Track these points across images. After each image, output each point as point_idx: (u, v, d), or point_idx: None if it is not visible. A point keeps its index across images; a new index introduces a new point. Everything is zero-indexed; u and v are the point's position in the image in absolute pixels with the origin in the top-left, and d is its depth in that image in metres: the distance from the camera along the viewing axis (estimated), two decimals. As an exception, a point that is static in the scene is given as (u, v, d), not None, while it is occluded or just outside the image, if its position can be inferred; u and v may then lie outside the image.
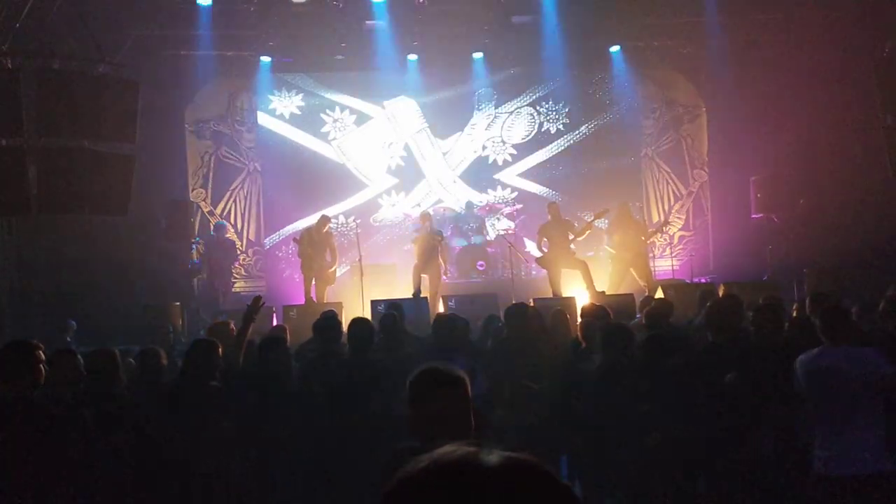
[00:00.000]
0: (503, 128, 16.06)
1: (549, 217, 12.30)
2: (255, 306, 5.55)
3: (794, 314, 7.11)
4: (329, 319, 6.34)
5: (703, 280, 14.01)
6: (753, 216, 13.97)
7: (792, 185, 13.54)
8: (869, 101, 10.97)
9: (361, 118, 15.71)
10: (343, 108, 15.63)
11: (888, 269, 11.23)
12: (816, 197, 13.55)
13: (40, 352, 4.37)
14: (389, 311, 7.44)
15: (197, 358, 5.02)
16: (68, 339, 9.24)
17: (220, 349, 5.11)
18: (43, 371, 4.33)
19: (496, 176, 16.00)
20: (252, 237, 15.31)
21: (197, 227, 14.04)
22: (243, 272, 15.00)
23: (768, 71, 14.17)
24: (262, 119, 15.35)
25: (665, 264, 15.11)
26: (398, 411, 5.02)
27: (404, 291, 13.23)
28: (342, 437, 4.69)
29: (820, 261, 12.65)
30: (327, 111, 15.58)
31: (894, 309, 5.65)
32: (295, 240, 12.36)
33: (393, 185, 15.76)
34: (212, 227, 14.57)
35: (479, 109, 16.00)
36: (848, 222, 13.05)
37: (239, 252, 14.69)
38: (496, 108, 16.04)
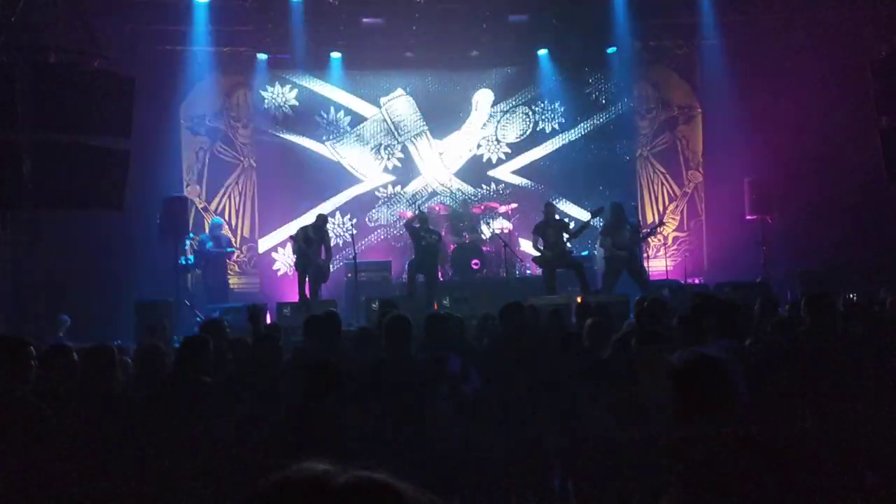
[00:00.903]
0: (498, 126, 16.06)
1: (545, 216, 12.31)
2: (256, 313, 5.55)
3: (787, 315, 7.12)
4: (331, 317, 6.31)
5: (697, 281, 14.04)
6: (748, 217, 13.99)
7: (786, 186, 13.57)
8: (865, 104, 10.99)
9: (357, 119, 15.67)
10: (338, 108, 15.59)
11: (882, 271, 11.27)
12: (811, 199, 13.58)
13: (31, 348, 4.36)
14: (386, 309, 7.43)
15: (188, 355, 5.00)
16: (61, 334, 9.21)
17: (210, 345, 5.09)
18: (34, 367, 4.32)
19: (490, 173, 16.01)
20: (246, 234, 15.27)
21: (191, 223, 14.01)
22: (237, 269, 14.96)
23: (764, 72, 14.20)
24: (258, 115, 15.31)
25: (659, 265, 15.13)
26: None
27: (398, 289, 13.25)
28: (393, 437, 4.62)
29: (814, 262, 12.69)
30: (322, 112, 15.54)
31: None
32: (291, 237, 12.33)
33: (389, 181, 15.76)
34: (206, 223, 14.54)
35: (476, 109, 15.98)
36: (842, 224, 13.09)
37: (234, 248, 14.66)
38: (492, 107, 16.03)
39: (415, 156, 15.84)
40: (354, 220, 15.04)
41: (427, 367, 5.15)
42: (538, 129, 16.11)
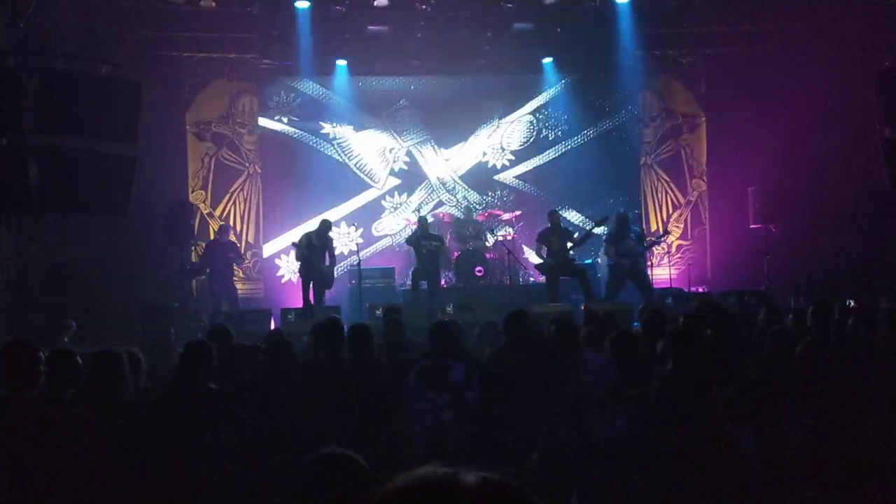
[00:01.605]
0: (504, 135, 16.11)
1: (550, 224, 12.34)
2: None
3: (790, 325, 7.12)
4: (333, 323, 6.32)
5: (700, 289, 14.05)
6: (752, 226, 14.01)
7: (790, 195, 13.58)
8: (868, 113, 11.00)
9: (360, 126, 15.72)
10: (342, 117, 15.63)
11: (885, 280, 11.27)
12: (815, 208, 13.59)
13: (40, 353, 4.38)
14: (391, 315, 7.46)
15: (191, 360, 5.01)
16: (66, 339, 9.22)
17: (213, 351, 5.10)
18: (41, 372, 4.34)
19: (495, 177, 16.05)
20: (251, 240, 15.32)
21: (197, 229, 14.04)
22: (241, 274, 14.99)
23: (767, 81, 14.22)
24: (263, 121, 15.37)
25: (663, 273, 15.14)
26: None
27: (402, 296, 13.28)
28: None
29: (818, 272, 12.69)
30: (326, 119, 15.59)
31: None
32: (294, 243, 12.37)
33: (395, 186, 15.78)
34: (211, 229, 14.59)
35: (485, 124, 16.00)
36: (846, 233, 13.10)
37: (241, 255, 14.68)
38: (500, 119, 16.05)
39: (420, 161, 15.87)
40: (361, 230, 15.04)
41: (429, 375, 5.17)
42: (542, 136, 16.15)
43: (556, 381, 5.20)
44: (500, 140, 16.09)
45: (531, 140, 16.15)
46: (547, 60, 15.42)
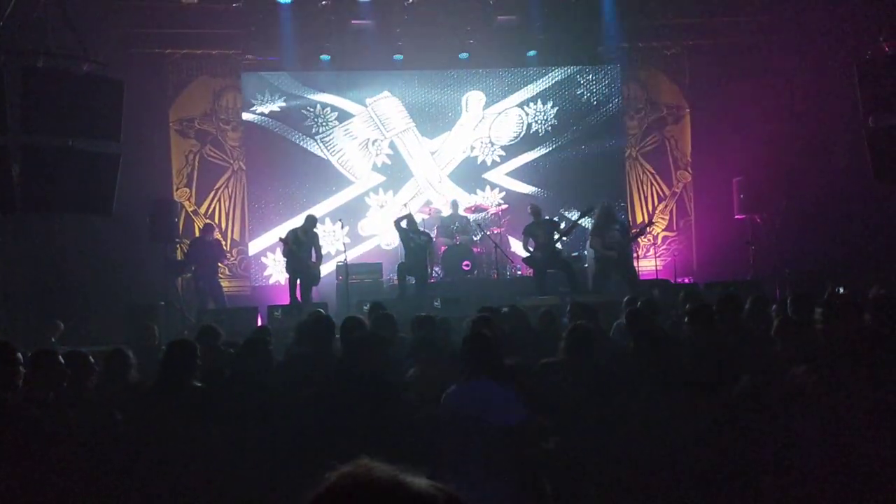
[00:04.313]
0: (491, 128, 16.07)
1: (533, 218, 12.37)
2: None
3: (775, 314, 7.12)
4: (322, 319, 6.28)
5: (686, 280, 14.09)
6: (737, 217, 14.06)
7: (775, 186, 13.63)
8: (852, 104, 11.04)
9: (343, 115, 15.68)
10: (325, 105, 15.60)
11: (870, 269, 11.32)
12: (799, 198, 13.65)
13: (18, 354, 4.35)
14: (379, 311, 7.44)
15: (176, 359, 4.99)
16: (53, 339, 9.18)
17: (198, 349, 5.08)
18: (20, 373, 4.31)
19: (484, 175, 16.01)
20: (237, 237, 15.25)
21: (181, 227, 13.97)
22: (227, 272, 14.93)
23: (752, 72, 14.27)
24: (247, 117, 15.29)
25: (649, 265, 15.18)
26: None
27: (389, 291, 13.26)
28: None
29: (802, 261, 12.75)
30: (308, 108, 15.55)
31: (878, 309, 5.66)
32: (281, 239, 12.33)
33: (380, 183, 15.72)
34: (196, 226, 14.52)
35: (467, 111, 15.99)
36: (830, 223, 13.16)
37: (226, 253, 14.61)
38: (484, 109, 16.04)
39: (403, 152, 15.81)
40: (346, 229, 15.02)
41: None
42: (531, 130, 16.13)
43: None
44: (489, 133, 16.04)
45: (521, 135, 16.11)
46: (531, 53, 15.41)
